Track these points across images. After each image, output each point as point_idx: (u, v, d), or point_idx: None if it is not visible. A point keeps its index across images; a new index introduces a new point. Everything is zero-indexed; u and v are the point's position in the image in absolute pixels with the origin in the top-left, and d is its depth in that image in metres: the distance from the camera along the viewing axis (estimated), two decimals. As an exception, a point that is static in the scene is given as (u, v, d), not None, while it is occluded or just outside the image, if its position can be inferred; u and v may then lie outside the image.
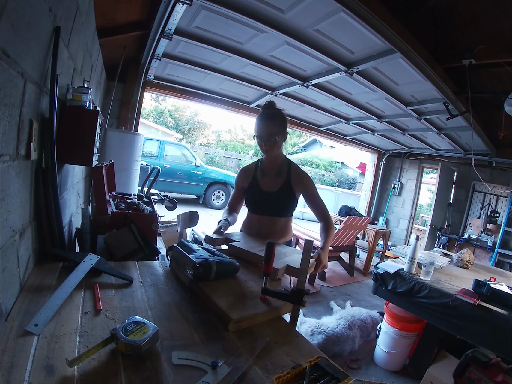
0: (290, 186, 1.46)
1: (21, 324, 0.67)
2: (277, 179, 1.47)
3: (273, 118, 1.39)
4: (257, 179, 1.51)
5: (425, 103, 2.82)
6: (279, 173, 1.48)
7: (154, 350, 0.64)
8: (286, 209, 1.50)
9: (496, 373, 1.50)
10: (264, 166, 1.51)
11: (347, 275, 4.15)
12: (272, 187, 1.47)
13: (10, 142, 0.75)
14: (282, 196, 1.46)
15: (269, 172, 1.50)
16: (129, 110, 3.15)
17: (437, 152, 5.02)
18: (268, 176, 1.49)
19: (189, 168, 7.50)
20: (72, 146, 1.23)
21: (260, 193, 1.48)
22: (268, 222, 1.49)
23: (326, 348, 2.15)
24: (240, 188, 1.56)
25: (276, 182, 1.47)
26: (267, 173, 1.50)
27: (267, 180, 1.49)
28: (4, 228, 0.71)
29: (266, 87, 3.25)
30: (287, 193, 1.46)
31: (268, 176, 1.49)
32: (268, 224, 1.49)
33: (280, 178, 1.47)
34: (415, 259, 2.01)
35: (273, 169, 1.49)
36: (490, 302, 1.64)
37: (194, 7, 1.79)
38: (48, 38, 0.97)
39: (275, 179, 1.47)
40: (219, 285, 0.93)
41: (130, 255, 1.29)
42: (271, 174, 1.49)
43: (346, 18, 1.69)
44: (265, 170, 1.50)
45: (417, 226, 6.86)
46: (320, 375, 0.62)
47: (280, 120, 1.40)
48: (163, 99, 16.38)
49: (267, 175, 1.50)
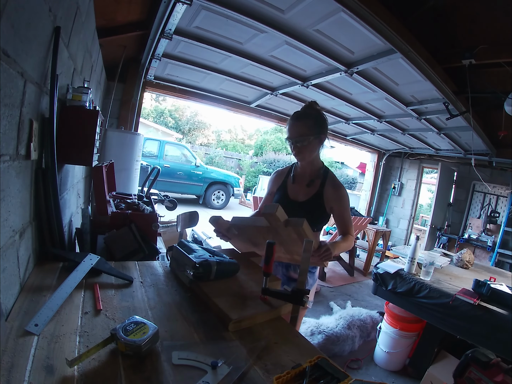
0: (321, 200, 1.29)
1: (21, 324, 0.67)
2: (308, 189, 1.32)
3: (304, 118, 1.25)
4: (287, 185, 1.37)
5: (425, 103, 2.82)
6: (311, 182, 1.32)
7: (154, 350, 0.64)
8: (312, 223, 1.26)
9: (496, 373, 1.50)
10: (297, 173, 1.37)
11: (347, 275, 4.15)
12: (299, 197, 1.32)
13: (10, 142, 0.75)
14: (310, 208, 1.29)
15: (301, 179, 1.35)
16: (129, 110, 3.15)
17: (437, 152, 5.02)
18: (299, 183, 1.34)
19: (189, 168, 7.50)
20: (72, 146, 1.23)
21: (285, 201, 1.32)
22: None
23: (326, 348, 2.15)
24: (271, 192, 1.43)
25: (306, 191, 1.32)
26: (298, 180, 1.35)
27: (297, 188, 1.34)
28: (4, 228, 0.71)
29: (266, 87, 3.25)
30: (315, 206, 1.29)
31: (299, 184, 1.34)
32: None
33: (311, 188, 1.31)
34: (415, 259, 2.01)
35: (306, 177, 1.34)
36: (490, 302, 1.64)
37: (194, 7, 1.79)
38: (48, 38, 0.97)
39: (305, 189, 1.32)
40: (219, 285, 0.93)
41: (130, 255, 1.29)
42: (302, 182, 1.34)
43: (346, 18, 1.69)
44: (297, 176, 1.36)
45: (417, 226, 6.87)
46: (320, 375, 0.62)
47: (314, 120, 1.25)
48: (163, 99, 16.39)
49: (297, 183, 1.35)
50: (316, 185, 1.31)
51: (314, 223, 1.24)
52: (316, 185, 1.31)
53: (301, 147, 1.24)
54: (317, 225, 1.32)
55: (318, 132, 1.25)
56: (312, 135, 1.23)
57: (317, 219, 1.30)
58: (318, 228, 1.35)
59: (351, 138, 5.29)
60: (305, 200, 1.30)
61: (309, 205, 1.29)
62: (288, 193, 1.35)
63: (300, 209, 1.29)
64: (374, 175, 6.16)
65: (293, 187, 1.35)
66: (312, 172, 1.33)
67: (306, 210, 1.28)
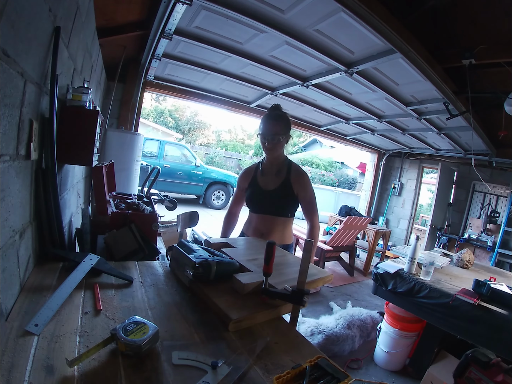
0: (289, 185, 1.47)
1: (21, 324, 0.67)
2: (276, 178, 1.49)
3: (278, 119, 1.44)
4: (257, 178, 1.53)
5: (425, 103, 2.82)
6: (278, 172, 1.50)
7: (154, 350, 0.64)
8: (284, 208, 1.50)
9: (496, 373, 1.50)
10: (265, 166, 1.54)
11: (347, 275, 4.15)
12: (270, 186, 1.49)
13: (10, 142, 0.75)
14: (281, 194, 1.47)
15: (269, 171, 1.52)
16: (129, 110, 3.15)
17: (437, 152, 5.02)
18: (268, 175, 1.52)
19: (189, 168, 7.50)
20: (72, 146, 1.23)
21: (258, 191, 1.50)
22: (267, 220, 1.48)
23: (326, 347, 2.15)
24: (241, 188, 1.59)
25: (275, 180, 1.49)
26: (267, 173, 1.52)
27: (266, 179, 1.51)
28: (4, 228, 0.71)
29: (266, 87, 3.25)
30: (285, 192, 1.47)
31: (268, 176, 1.51)
32: (267, 222, 1.48)
33: (279, 177, 1.49)
34: (415, 259, 2.01)
35: (273, 169, 1.51)
36: (490, 302, 1.64)
37: (194, 7, 1.79)
38: (48, 38, 0.97)
39: (274, 178, 1.50)
40: (219, 285, 0.93)
41: (130, 255, 1.29)
42: (271, 173, 1.51)
43: (346, 18, 1.69)
44: (265, 169, 1.53)
45: (417, 226, 6.86)
46: (320, 375, 0.62)
47: (285, 122, 1.45)
48: (163, 99, 16.39)
49: (266, 175, 1.52)
50: (283, 173, 1.49)
51: (286, 207, 1.49)
52: (283, 174, 1.49)
53: (275, 143, 1.42)
54: (289, 209, 1.51)
55: (287, 132, 1.45)
56: (284, 134, 1.44)
57: (288, 203, 1.49)
58: (291, 212, 1.52)
59: (351, 138, 5.29)
60: (275, 188, 1.48)
61: (279, 191, 1.47)
62: (259, 184, 1.52)
63: (273, 196, 1.47)
64: (374, 175, 6.16)
65: (263, 179, 1.52)
66: (278, 164, 1.51)
67: (277, 196, 1.47)
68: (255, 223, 1.52)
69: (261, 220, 1.50)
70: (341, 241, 3.91)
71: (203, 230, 3.08)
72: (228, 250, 1.21)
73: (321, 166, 13.22)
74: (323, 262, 3.71)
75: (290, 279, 0.98)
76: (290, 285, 0.89)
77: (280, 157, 1.51)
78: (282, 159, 1.52)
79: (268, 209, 1.48)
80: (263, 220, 1.49)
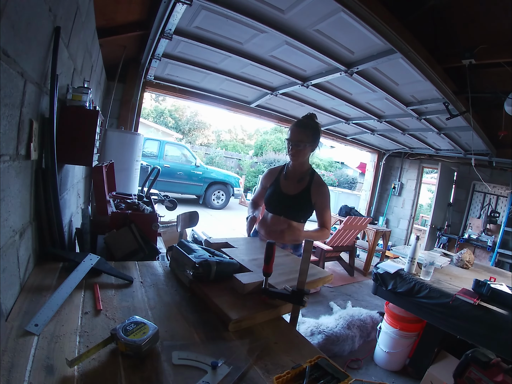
0: (308, 194, 1.52)
1: (21, 324, 0.67)
2: (298, 184, 1.54)
3: (306, 127, 1.48)
4: (279, 181, 1.59)
5: (425, 103, 2.82)
6: (301, 180, 1.55)
7: (154, 350, 0.64)
8: (300, 214, 1.55)
9: (496, 373, 1.50)
10: (289, 171, 1.59)
11: (347, 275, 4.15)
12: (291, 191, 1.55)
13: (10, 142, 0.75)
14: (299, 200, 1.52)
15: (292, 177, 1.57)
16: (129, 110, 3.15)
17: (437, 152, 5.02)
18: (290, 180, 1.57)
19: (189, 168, 7.50)
20: (72, 147, 1.23)
21: (278, 193, 1.56)
22: (281, 222, 1.53)
23: (326, 348, 2.15)
24: (264, 186, 1.66)
25: (296, 187, 1.55)
26: (289, 178, 1.58)
27: (288, 183, 1.57)
28: (4, 228, 0.71)
29: (266, 87, 3.25)
30: (304, 199, 1.52)
31: (290, 181, 1.57)
32: (280, 224, 1.53)
33: (301, 185, 1.54)
34: (415, 259, 2.01)
35: (296, 175, 1.56)
36: (490, 302, 1.64)
37: (194, 7, 1.79)
38: (48, 38, 0.97)
39: (296, 184, 1.55)
40: (219, 285, 0.93)
41: (130, 255, 1.29)
42: (293, 179, 1.56)
43: (346, 18, 1.69)
44: (289, 174, 1.59)
45: (417, 226, 6.86)
46: (320, 375, 0.62)
47: (313, 132, 1.48)
48: (163, 99, 16.39)
49: (289, 179, 1.57)
50: (305, 182, 1.55)
51: (301, 213, 1.55)
52: (305, 182, 1.55)
53: (297, 150, 1.47)
54: (304, 216, 1.56)
55: (313, 141, 1.49)
56: (308, 143, 1.47)
57: (304, 210, 1.55)
58: (304, 218, 1.58)
59: (351, 138, 5.29)
60: (296, 194, 1.54)
61: (298, 197, 1.53)
62: (281, 187, 1.57)
63: (291, 201, 1.53)
64: (374, 175, 6.16)
65: (285, 183, 1.58)
66: (302, 172, 1.57)
67: (295, 201, 1.53)
68: (270, 223, 1.57)
69: (275, 220, 1.55)
70: (341, 241, 3.91)
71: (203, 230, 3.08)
72: (228, 250, 1.21)
73: (321, 166, 13.23)
74: (323, 262, 3.71)
75: (290, 279, 0.98)
76: (290, 285, 0.89)
77: (304, 165, 1.56)
78: (306, 168, 1.57)
79: (284, 211, 1.54)
80: (277, 221, 1.54)
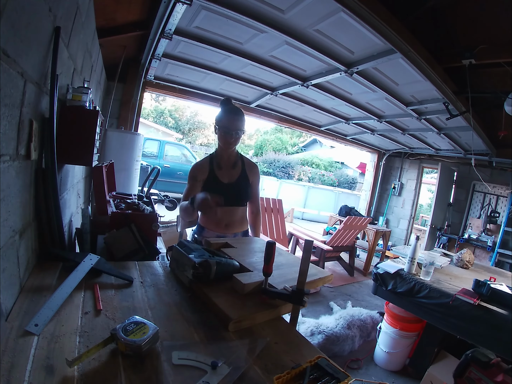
0: (246, 176, 1.56)
1: (21, 324, 0.67)
2: (234, 170, 1.55)
3: (240, 114, 1.50)
4: (215, 172, 1.53)
5: (425, 103, 2.82)
6: (235, 165, 1.56)
7: (154, 350, 0.64)
8: (244, 198, 1.58)
9: (496, 373, 1.50)
10: (220, 160, 1.56)
11: (347, 275, 4.15)
12: (229, 178, 1.54)
13: (10, 142, 0.75)
14: (241, 185, 1.54)
15: (226, 165, 1.55)
16: (129, 110, 3.15)
17: (437, 152, 5.02)
18: (225, 168, 1.55)
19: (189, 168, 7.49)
20: (72, 146, 1.23)
21: (220, 185, 1.52)
22: (228, 212, 1.52)
23: (326, 348, 2.15)
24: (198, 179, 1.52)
25: (232, 173, 1.55)
26: (224, 166, 1.55)
27: (225, 172, 1.54)
28: (4, 228, 0.71)
29: (266, 87, 3.25)
30: (244, 183, 1.56)
31: (225, 169, 1.55)
32: (228, 214, 1.53)
33: (236, 170, 1.55)
34: (415, 259, 2.01)
35: (230, 162, 1.56)
36: (490, 302, 1.64)
37: (194, 7, 1.79)
38: (48, 38, 0.97)
39: (231, 171, 1.55)
40: (219, 285, 0.93)
41: (130, 255, 1.29)
42: (228, 166, 1.55)
43: (346, 18, 1.68)
44: (221, 163, 1.55)
45: (417, 226, 6.86)
46: (320, 375, 0.62)
47: (244, 117, 1.52)
48: (163, 99, 16.38)
49: (224, 168, 1.55)
50: (239, 166, 1.57)
51: (245, 197, 1.58)
52: (239, 166, 1.57)
53: (237, 138, 1.48)
54: (247, 199, 1.60)
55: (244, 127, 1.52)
56: (243, 129, 1.51)
57: (247, 192, 1.57)
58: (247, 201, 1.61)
59: (351, 138, 5.29)
60: (235, 180, 1.54)
61: (239, 182, 1.54)
62: (219, 178, 1.53)
63: (234, 188, 1.52)
64: (374, 175, 6.16)
65: (221, 172, 1.54)
66: (233, 157, 1.57)
67: (237, 188, 1.53)
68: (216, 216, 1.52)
69: (224, 212, 1.51)
70: (341, 241, 3.91)
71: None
72: (228, 250, 1.21)
73: (321, 166, 13.22)
74: (323, 262, 3.71)
75: (290, 279, 0.98)
76: (290, 285, 0.89)
77: (234, 151, 1.58)
78: (236, 153, 1.59)
79: (230, 201, 1.50)
80: (227, 212, 1.52)
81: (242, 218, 1.60)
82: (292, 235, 3.95)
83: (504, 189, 4.52)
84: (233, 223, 1.55)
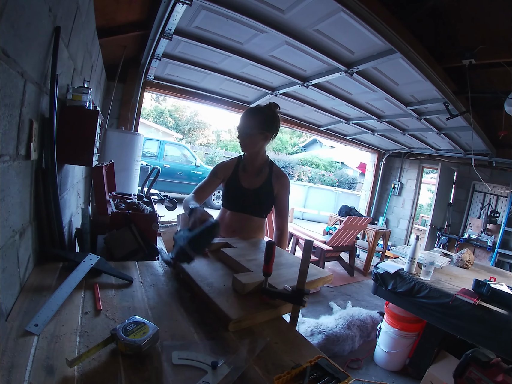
0: (270, 186, 1.43)
1: (21, 324, 0.67)
2: (258, 178, 1.44)
3: (255, 113, 1.35)
4: (238, 173, 1.46)
5: (425, 103, 2.82)
6: (260, 172, 1.44)
7: (154, 350, 0.64)
8: (262, 209, 1.46)
9: (496, 373, 1.50)
10: (246, 163, 1.47)
11: (347, 275, 4.15)
12: (251, 184, 1.43)
13: (10, 142, 0.75)
14: (262, 194, 1.43)
15: (250, 170, 1.46)
16: (129, 110, 3.15)
17: (437, 152, 5.02)
18: (250, 173, 1.45)
19: (189, 168, 7.50)
20: (72, 146, 1.23)
21: (239, 189, 1.43)
22: (242, 219, 1.44)
23: (326, 348, 2.15)
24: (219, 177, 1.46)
25: (256, 180, 1.44)
26: (249, 170, 1.46)
27: (248, 177, 1.45)
28: (4, 228, 0.71)
29: (266, 87, 3.25)
30: (266, 192, 1.43)
31: (250, 173, 1.45)
32: (238, 220, 1.44)
33: (260, 177, 1.44)
34: (415, 259, 2.01)
35: (255, 168, 1.45)
36: (490, 302, 1.64)
37: (194, 7, 1.79)
38: (48, 38, 0.97)
39: (256, 177, 1.44)
40: (219, 285, 0.93)
41: (130, 255, 1.29)
42: (252, 172, 1.45)
43: (346, 18, 1.69)
44: (248, 167, 1.46)
45: (417, 226, 6.86)
46: (320, 375, 0.62)
47: (264, 117, 1.34)
48: (163, 99, 16.38)
49: (249, 172, 1.45)
50: (264, 174, 1.45)
51: (264, 208, 1.46)
52: (265, 174, 1.45)
53: (244, 138, 1.36)
54: (266, 210, 1.48)
55: (265, 129, 1.35)
56: (260, 130, 1.34)
57: (267, 204, 1.46)
58: (266, 213, 1.50)
59: (351, 138, 5.29)
60: (257, 187, 1.43)
61: (261, 191, 1.43)
62: (241, 181, 1.45)
63: (254, 196, 1.42)
64: (374, 175, 6.16)
65: (245, 176, 1.45)
66: (259, 164, 1.45)
67: (257, 196, 1.43)
68: (229, 220, 1.45)
69: (235, 217, 1.45)
70: (341, 241, 3.91)
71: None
72: (228, 250, 1.21)
73: (321, 166, 13.23)
74: (323, 262, 3.71)
75: (290, 279, 0.98)
76: (290, 285, 0.89)
77: (261, 157, 1.45)
78: (264, 160, 1.46)
79: (245, 207, 1.44)
80: (238, 218, 1.44)
81: (255, 229, 1.46)
82: (292, 235, 3.95)
83: (504, 190, 4.52)
84: (242, 231, 1.42)
